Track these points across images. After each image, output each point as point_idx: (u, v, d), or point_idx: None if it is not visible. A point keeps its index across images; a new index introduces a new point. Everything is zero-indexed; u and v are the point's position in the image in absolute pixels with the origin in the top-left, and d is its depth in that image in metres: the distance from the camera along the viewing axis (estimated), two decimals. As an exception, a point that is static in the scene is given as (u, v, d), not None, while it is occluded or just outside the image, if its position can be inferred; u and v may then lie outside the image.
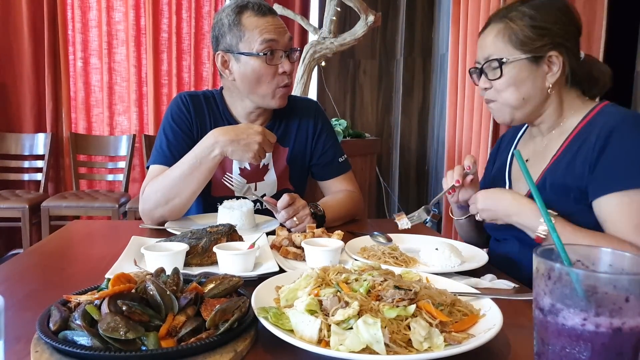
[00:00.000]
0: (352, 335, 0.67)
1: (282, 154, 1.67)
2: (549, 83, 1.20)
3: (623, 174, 1.08)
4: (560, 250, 0.59)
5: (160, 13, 4.01)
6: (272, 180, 1.65)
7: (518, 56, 1.19)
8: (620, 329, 0.52)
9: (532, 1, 1.21)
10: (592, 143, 1.14)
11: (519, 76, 1.20)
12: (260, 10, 1.47)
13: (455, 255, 1.12)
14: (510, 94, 1.22)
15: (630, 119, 1.13)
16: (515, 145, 1.42)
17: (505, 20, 1.21)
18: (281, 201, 1.36)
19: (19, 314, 0.83)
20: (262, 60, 1.47)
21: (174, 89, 4.05)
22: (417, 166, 4.52)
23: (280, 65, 1.49)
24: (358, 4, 3.13)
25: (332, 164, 1.70)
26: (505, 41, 1.20)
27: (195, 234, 1.12)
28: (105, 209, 3.47)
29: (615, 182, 1.09)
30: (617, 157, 1.10)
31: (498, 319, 0.75)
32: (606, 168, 1.10)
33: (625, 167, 1.09)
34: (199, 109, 1.60)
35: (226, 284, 0.81)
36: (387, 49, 4.42)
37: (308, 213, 1.39)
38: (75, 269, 1.14)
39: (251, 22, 1.46)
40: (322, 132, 1.70)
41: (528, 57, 1.19)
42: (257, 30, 1.46)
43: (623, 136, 1.10)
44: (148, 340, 0.66)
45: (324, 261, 1.06)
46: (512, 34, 1.19)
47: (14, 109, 3.93)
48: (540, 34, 1.18)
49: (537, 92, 1.22)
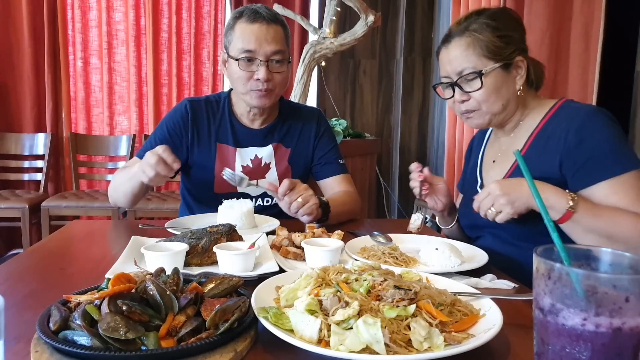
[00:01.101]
0: (352, 335, 0.67)
1: (284, 154, 1.73)
2: (519, 86, 1.30)
3: (605, 164, 1.16)
4: (560, 250, 0.59)
5: (160, 13, 4.01)
6: (274, 178, 1.70)
7: (492, 66, 1.26)
8: (620, 329, 0.52)
9: (485, 12, 1.29)
10: (562, 138, 1.21)
11: (496, 84, 1.27)
12: (252, 17, 1.55)
13: (455, 255, 1.12)
14: (493, 102, 1.29)
15: (593, 114, 1.21)
16: (484, 147, 1.50)
17: (471, 34, 1.26)
18: (282, 187, 1.40)
19: (19, 314, 0.83)
20: (240, 65, 1.57)
21: (174, 89, 4.05)
22: (417, 166, 4.52)
23: (255, 73, 1.56)
24: (358, 4, 3.13)
25: (332, 164, 1.77)
26: (477, 53, 1.26)
27: (195, 234, 1.12)
28: (105, 209, 3.47)
29: (602, 171, 1.16)
30: (596, 148, 1.17)
31: (498, 319, 0.75)
32: (587, 160, 1.17)
33: (606, 157, 1.16)
34: (198, 115, 1.69)
35: (226, 284, 0.81)
36: (387, 49, 4.42)
37: (312, 193, 1.42)
38: (75, 269, 1.14)
39: (240, 29, 1.56)
40: (323, 136, 1.78)
41: (500, 65, 1.26)
42: (240, 38, 1.55)
43: (595, 130, 1.18)
44: (148, 340, 0.66)
45: (324, 261, 1.06)
46: (483, 45, 1.25)
47: (14, 109, 3.93)
48: (506, 41, 1.26)
49: (512, 96, 1.30)
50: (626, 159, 1.16)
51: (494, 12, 1.29)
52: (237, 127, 1.71)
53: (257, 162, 1.70)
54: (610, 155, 1.16)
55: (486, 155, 1.48)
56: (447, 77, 1.32)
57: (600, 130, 1.18)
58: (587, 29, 2.38)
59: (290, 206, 1.40)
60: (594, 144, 1.17)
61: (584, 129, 1.19)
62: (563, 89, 2.51)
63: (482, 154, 1.49)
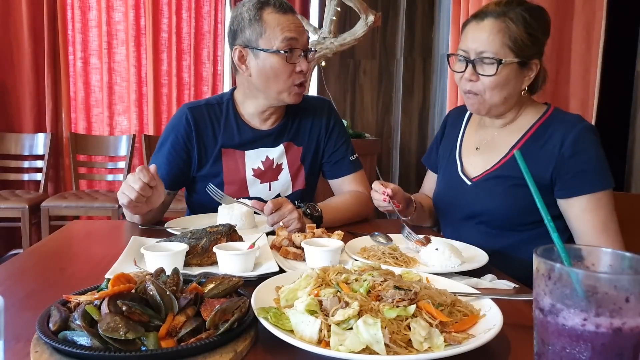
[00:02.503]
0: (352, 336, 0.67)
1: (296, 152, 1.65)
2: (525, 86, 1.32)
3: (589, 179, 1.26)
4: (560, 250, 0.59)
5: (160, 13, 4.01)
6: (287, 179, 1.64)
7: (512, 59, 1.26)
8: (620, 329, 0.52)
9: (525, 4, 1.28)
10: (557, 146, 1.28)
11: (507, 78, 1.28)
12: (282, 8, 1.47)
13: (455, 256, 1.12)
14: (496, 93, 1.30)
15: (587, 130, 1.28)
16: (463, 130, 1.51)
17: (506, 20, 1.25)
18: (266, 208, 1.32)
19: (19, 314, 0.83)
20: (282, 58, 1.47)
21: (173, 89, 4.05)
22: (417, 166, 4.52)
23: (298, 64, 1.49)
24: (358, 4, 3.13)
25: (342, 162, 1.69)
26: (504, 41, 1.25)
27: (195, 234, 1.12)
28: (105, 209, 3.46)
29: (583, 185, 1.26)
30: (585, 163, 1.26)
31: (498, 319, 0.75)
32: (577, 173, 1.26)
33: (592, 173, 1.26)
34: (201, 125, 1.58)
35: (226, 284, 0.81)
36: (387, 49, 4.42)
37: (296, 217, 1.34)
38: (75, 269, 1.14)
39: (273, 19, 1.46)
40: (334, 130, 1.69)
41: (519, 61, 1.27)
42: (278, 27, 1.45)
43: (589, 145, 1.27)
44: (148, 340, 0.66)
45: (324, 261, 1.06)
46: (512, 35, 1.25)
47: (13, 109, 3.93)
48: (533, 41, 1.26)
49: (515, 94, 1.32)
50: (605, 178, 1.27)
51: (533, 8, 1.28)
52: (244, 129, 1.60)
53: (268, 163, 1.61)
54: (595, 172, 1.26)
55: (466, 139, 1.49)
56: (465, 52, 1.30)
57: (592, 147, 1.27)
58: (589, 29, 2.38)
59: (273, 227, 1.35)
60: (585, 159, 1.26)
61: (579, 143, 1.26)
62: (565, 89, 2.51)
63: (462, 138, 1.50)
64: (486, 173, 1.38)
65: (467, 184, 1.41)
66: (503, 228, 1.35)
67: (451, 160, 1.49)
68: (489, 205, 1.35)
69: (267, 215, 1.34)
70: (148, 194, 1.30)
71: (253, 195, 1.59)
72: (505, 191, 1.33)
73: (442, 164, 1.53)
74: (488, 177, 1.37)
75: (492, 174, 1.37)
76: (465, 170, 1.44)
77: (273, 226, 1.35)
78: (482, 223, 1.38)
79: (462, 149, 1.48)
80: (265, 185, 1.61)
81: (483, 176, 1.38)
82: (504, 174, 1.35)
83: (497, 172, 1.36)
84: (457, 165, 1.46)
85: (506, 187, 1.33)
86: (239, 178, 1.59)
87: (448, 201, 1.47)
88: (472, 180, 1.40)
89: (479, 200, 1.37)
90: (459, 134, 1.51)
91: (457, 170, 1.45)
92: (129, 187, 1.28)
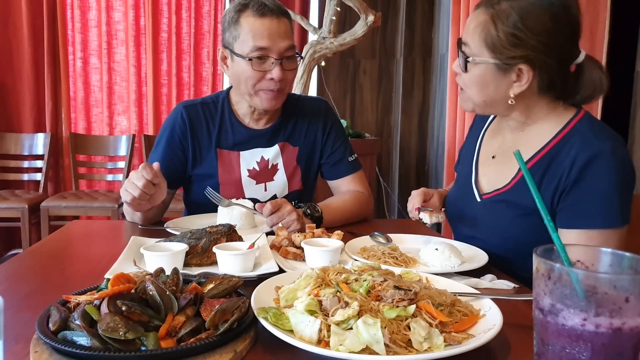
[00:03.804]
0: (352, 336, 0.67)
1: (292, 153, 1.65)
2: (513, 93, 1.14)
3: (589, 213, 1.09)
4: (560, 250, 0.59)
5: (159, 13, 4.01)
6: (282, 180, 1.63)
7: (486, 59, 1.12)
8: (620, 329, 0.52)
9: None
10: (566, 167, 1.11)
11: (483, 79, 1.15)
12: (260, 11, 1.43)
13: (455, 256, 1.12)
14: (474, 93, 1.18)
15: (605, 154, 1.08)
16: (482, 136, 1.39)
17: (491, 13, 1.11)
18: (265, 209, 1.32)
19: (18, 314, 0.83)
20: (250, 65, 1.44)
21: (173, 88, 4.05)
22: (417, 166, 4.52)
23: (269, 72, 1.45)
24: (358, 4, 3.13)
25: (341, 163, 1.68)
26: (480, 38, 1.12)
27: (195, 234, 1.12)
28: (104, 209, 3.46)
29: (579, 219, 1.10)
30: (588, 193, 1.09)
31: (498, 319, 0.75)
32: (576, 203, 1.11)
33: (591, 206, 1.09)
34: (195, 123, 1.58)
35: (226, 284, 0.81)
36: (387, 49, 4.42)
37: (295, 218, 1.34)
38: (74, 269, 1.14)
39: (248, 23, 1.43)
40: (331, 131, 1.68)
41: (496, 63, 1.12)
42: (250, 34, 1.43)
43: (599, 172, 1.08)
44: (147, 340, 0.66)
45: (323, 261, 1.06)
46: (489, 33, 1.11)
47: (13, 109, 3.93)
48: (514, 44, 1.09)
49: (500, 99, 1.17)
50: (609, 216, 1.08)
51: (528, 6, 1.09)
52: (239, 129, 1.60)
53: (263, 164, 1.61)
54: (597, 206, 1.08)
55: (484, 147, 1.37)
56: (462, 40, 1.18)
57: (603, 176, 1.07)
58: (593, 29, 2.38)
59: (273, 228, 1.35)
60: (589, 189, 1.09)
61: (587, 169, 1.08)
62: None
63: (480, 145, 1.38)
64: (496, 193, 1.25)
65: (476, 199, 1.30)
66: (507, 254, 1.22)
67: (468, 166, 1.38)
68: (494, 230, 1.25)
69: (266, 217, 1.34)
70: (151, 191, 1.30)
71: (249, 196, 1.59)
72: (512, 221, 1.20)
73: (461, 167, 1.44)
74: (497, 198, 1.24)
75: (501, 196, 1.24)
76: (479, 181, 1.32)
77: (272, 227, 1.35)
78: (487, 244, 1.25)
79: (480, 156, 1.36)
80: (261, 186, 1.61)
81: (492, 196, 1.26)
82: (512, 199, 1.21)
83: (506, 196, 1.22)
84: (472, 173, 1.35)
85: (513, 216, 1.20)
86: (234, 179, 1.59)
87: (456, 212, 1.38)
88: (482, 197, 1.29)
89: (484, 222, 1.27)
90: (479, 138, 1.39)
91: (471, 179, 1.34)
92: (132, 184, 1.29)
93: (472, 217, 1.31)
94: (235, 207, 1.43)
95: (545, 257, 0.57)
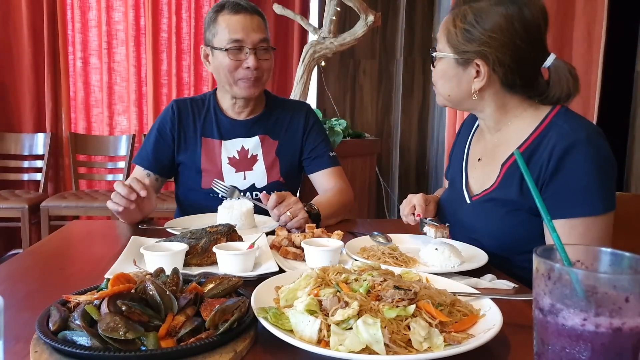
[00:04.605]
0: (352, 336, 0.67)
1: (272, 146, 1.74)
2: (474, 88, 1.21)
3: (570, 202, 1.11)
4: (560, 250, 0.59)
5: (159, 13, 4.01)
6: (261, 170, 1.72)
7: (448, 54, 1.23)
8: (620, 329, 0.52)
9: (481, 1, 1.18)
10: (544, 161, 1.14)
11: (446, 73, 1.25)
12: (234, 9, 1.60)
13: (455, 256, 1.12)
14: (440, 86, 1.28)
15: (582, 143, 1.10)
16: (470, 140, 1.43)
17: (454, 14, 1.22)
18: (270, 201, 1.39)
19: (18, 314, 0.83)
20: (227, 55, 1.60)
21: (173, 88, 4.05)
22: (417, 166, 4.52)
23: (245, 61, 1.60)
24: (358, 4, 3.13)
25: (322, 157, 1.77)
26: (443, 35, 1.24)
27: (195, 234, 1.12)
28: (105, 209, 3.45)
29: (561, 209, 1.11)
30: (568, 183, 1.11)
31: (498, 319, 0.75)
32: (556, 193, 1.12)
33: (572, 195, 1.11)
34: (183, 114, 1.74)
35: (226, 284, 0.81)
36: (387, 48, 4.42)
37: (301, 207, 1.41)
38: (74, 269, 1.14)
39: (224, 20, 1.60)
40: (313, 129, 1.79)
41: (455, 58, 1.22)
42: (227, 29, 1.59)
43: (576, 161, 1.10)
44: (147, 340, 0.66)
45: (323, 261, 1.06)
46: (450, 31, 1.22)
47: (13, 109, 3.93)
48: (468, 39, 1.18)
49: (463, 94, 1.25)
50: (591, 202, 1.10)
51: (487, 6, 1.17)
52: (222, 119, 1.73)
53: (243, 153, 1.72)
54: (577, 194, 1.10)
55: (472, 150, 1.40)
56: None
57: (581, 164, 1.10)
58: (590, 29, 2.38)
59: (279, 219, 1.40)
60: (567, 178, 1.11)
61: (564, 159, 1.11)
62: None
63: (468, 149, 1.42)
64: (484, 193, 1.28)
65: (466, 202, 1.32)
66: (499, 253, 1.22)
67: (458, 170, 1.42)
68: (485, 230, 1.26)
69: (272, 209, 1.39)
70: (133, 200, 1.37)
71: (228, 184, 1.67)
72: (502, 218, 1.22)
73: (452, 172, 1.47)
74: (485, 198, 1.27)
75: (489, 196, 1.26)
76: (469, 184, 1.35)
77: (279, 219, 1.39)
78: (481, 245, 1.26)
79: (469, 160, 1.40)
80: (240, 175, 1.70)
81: (481, 196, 1.28)
82: (499, 196, 1.23)
83: (493, 194, 1.25)
84: (462, 177, 1.38)
85: (502, 213, 1.22)
86: (215, 166, 1.70)
87: (449, 215, 1.39)
88: (472, 199, 1.31)
89: (476, 223, 1.29)
90: (466, 144, 1.43)
91: (462, 183, 1.37)
92: (117, 195, 1.39)
93: (465, 220, 1.33)
94: (235, 207, 1.43)
95: (545, 257, 0.57)
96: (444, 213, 1.43)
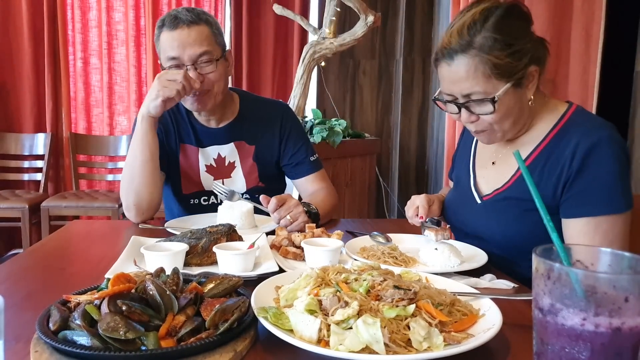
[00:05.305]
0: (352, 335, 0.67)
1: (249, 152, 1.72)
2: (530, 95, 1.17)
3: (594, 200, 1.11)
4: (560, 250, 0.59)
5: (160, 13, 4.00)
6: (240, 177, 1.71)
7: (505, 87, 1.12)
8: (619, 329, 0.52)
9: (489, 20, 1.10)
10: (566, 159, 1.13)
11: (509, 105, 1.15)
12: (172, 24, 1.52)
13: (454, 255, 1.12)
14: (504, 123, 1.18)
15: (606, 142, 1.11)
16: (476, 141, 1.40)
17: (477, 53, 1.10)
18: (270, 204, 1.39)
19: (19, 314, 0.83)
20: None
21: (173, 89, 4.04)
22: (417, 166, 4.52)
23: None
24: (358, 4, 3.13)
25: (303, 163, 1.75)
26: (486, 75, 1.10)
27: (195, 234, 1.12)
28: (105, 209, 3.46)
29: (585, 207, 1.12)
30: (592, 181, 1.11)
31: (497, 319, 0.75)
32: (580, 191, 1.12)
33: (597, 193, 1.11)
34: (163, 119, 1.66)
35: (226, 284, 0.81)
36: (387, 49, 4.42)
37: (302, 210, 1.41)
38: (75, 269, 1.14)
39: (163, 39, 1.55)
40: (291, 134, 1.75)
41: (513, 83, 1.12)
42: (164, 47, 1.55)
43: (601, 160, 1.11)
44: (148, 340, 0.66)
45: (323, 261, 1.06)
46: (492, 65, 1.10)
47: (13, 109, 3.93)
48: (518, 57, 1.11)
49: (524, 109, 1.19)
50: (615, 200, 1.10)
51: (499, 22, 1.10)
52: (197, 127, 1.69)
53: (220, 161, 1.70)
54: (603, 192, 1.11)
55: (480, 152, 1.38)
56: (451, 96, 1.17)
57: (607, 162, 1.10)
58: (588, 29, 2.38)
59: (280, 222, 1.39)
60: (593, 176, 1.11)
61: (591, 156, 1.11)
62: (564, 89, 2.51)
63: (475, 149, 1.40)
64: (496, 193, 1.26)
65: (477, 202, 1.30)
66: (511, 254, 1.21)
67: (465, 171, 1.39)
68: (497, 230, 1.24)
69: (273, 212, 1.38)
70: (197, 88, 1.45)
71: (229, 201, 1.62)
72: (516, 217, 1.20)
73: (457, 173, 1.45)
74: (498, 197, 1.25)
75: (502, 194, 1.24)
76: (477, 184, 1.33)
77: (280, 222, 1.38)
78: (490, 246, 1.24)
79: (477, 160, 1.37)
80: (219, 182, 1.69)
81: (493, 196, 1.26)
82: (514, 195, 1.21)
83: (508, 193, 1.23)
84: (470, 177, 1.36)
85: (517, 212, 1.20)
86: (194, 173, 1.69)
87: (456, 216, 1.38)
88: (483, 198, 1.29)
89: (488, 224, 1.27)
90: (472, 142, 1.41)
91: (470, 183, 1.35)
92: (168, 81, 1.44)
93: (473, 220, 1.31)
94: (235, 207, 1.43)
95: (545, 257, 0.57)
96: (449, 213, 1.42)
